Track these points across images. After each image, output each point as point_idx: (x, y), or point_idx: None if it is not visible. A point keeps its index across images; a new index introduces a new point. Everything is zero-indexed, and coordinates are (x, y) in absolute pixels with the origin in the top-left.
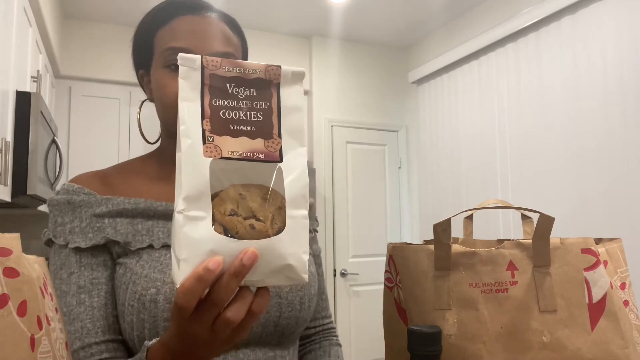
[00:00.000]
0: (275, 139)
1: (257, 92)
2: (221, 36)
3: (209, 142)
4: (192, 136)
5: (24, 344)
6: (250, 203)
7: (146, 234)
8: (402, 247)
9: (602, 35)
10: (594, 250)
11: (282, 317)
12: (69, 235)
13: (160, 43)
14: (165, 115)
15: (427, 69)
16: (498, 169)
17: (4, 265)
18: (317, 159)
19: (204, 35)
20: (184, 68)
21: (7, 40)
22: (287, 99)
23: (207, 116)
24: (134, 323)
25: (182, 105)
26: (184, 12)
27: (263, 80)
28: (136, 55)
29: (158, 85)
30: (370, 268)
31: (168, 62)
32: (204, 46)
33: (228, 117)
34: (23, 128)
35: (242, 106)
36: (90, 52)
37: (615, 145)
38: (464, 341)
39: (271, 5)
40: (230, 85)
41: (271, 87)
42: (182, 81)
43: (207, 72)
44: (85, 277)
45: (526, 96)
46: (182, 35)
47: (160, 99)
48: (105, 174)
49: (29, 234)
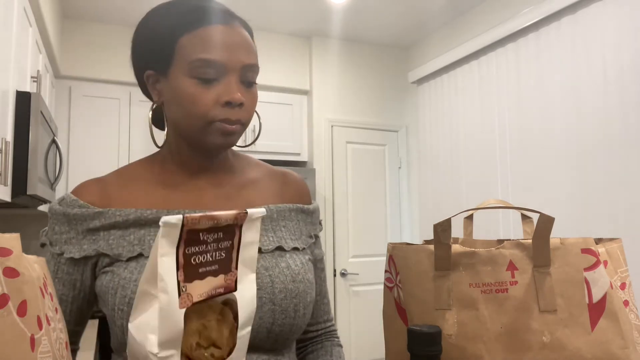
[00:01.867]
0: (233, 271)
1: (224, 234)
2: (247, 47)
3: (183, 294)
4: (170, 291)
5: (24, 344)
6: (210, 333)
7: (137, 243)
8: (402, 247)
9: (602, 35)
10: (594, 250)
11: (275, 324)
12: (65, 245)
13: (186, 50)
14: (188, 122)
15: (427, 69)
16: (498, 169)
17: (4, 265)
18: (317, 159)
19: (233, 48)
20: (166, 229)
21: (7, 40)
22: (246, 236)
23: (181, 265)
24: (124, 327)
25: (161, 261)
26: (214, 21)
27: (230, 224)
28: (146, 55)
29: (184, 94)
30: (370, 268)
31: (197, 74)
32: (234, 59)
33: (197, 262)
34: (23, 128)
35: (210, 249)
36: (90, 52)
37: (615, 145)
38: (464, 341)
39: (271, 5)
40: (202, 234)
41: (235, 228)
42: (162, 240)
43: (186, 229)
44: (57, 290)
45: (526, 96)
46: (213, 47)
47: (186, 108)
48: (105, 182)
49: (29, 234)
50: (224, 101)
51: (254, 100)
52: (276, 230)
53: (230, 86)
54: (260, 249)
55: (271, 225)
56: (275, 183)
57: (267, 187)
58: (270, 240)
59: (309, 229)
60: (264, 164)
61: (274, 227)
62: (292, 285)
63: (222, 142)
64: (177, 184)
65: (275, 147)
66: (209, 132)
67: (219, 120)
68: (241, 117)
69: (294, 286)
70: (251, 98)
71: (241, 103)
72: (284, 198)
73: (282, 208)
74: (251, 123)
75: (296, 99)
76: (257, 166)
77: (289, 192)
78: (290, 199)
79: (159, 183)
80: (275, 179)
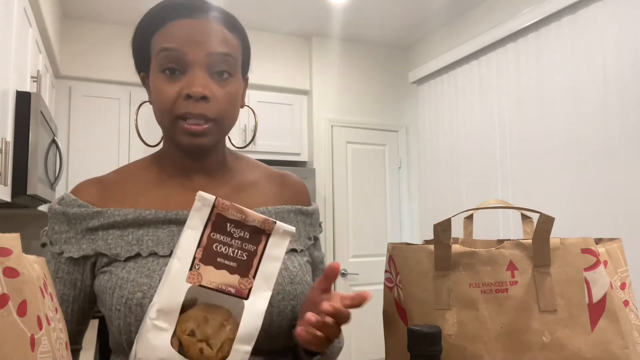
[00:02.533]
0: (249, 278)
1: (250, 236)
2: (216, 38)
3: (194, 270)
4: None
5: (24, 344)
6: (208, 329)
7: (136, 243)
8: (402, 247)
9: (602, 35)
10: (594, 250)
11: (272, 325)
12: (64, 244)
13: (155, 47)
14: (161, 119)
15: (427, 69)
16: (498, 169)
17: (4, 265)
18: (317, 159)
19: (197, 38)
20: (199, 203)
21: (7, 40)
22: (271, 249)
23: (202, 245)
24: (121, 327)
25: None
26: (179, 16)
27: (258, 228)
28: (136, 58)
29: (154, 90)
30: (370, 268)
31: (163, 67)
32: (197, 48)
33: (218, 251)
34: (23, 128)
35: (234, 244)
36: (90, 52)
37: (615, 145)
38: (464, 341)
39: (271, 5)
40: (229, 225)
41: (262, 235)
42: (194, 212)
43: (216, 211)
44: (58, 290)
45: (526, 96)
46: (174, 36)
47: (157, 103)
48: (105, 181)
49: (29, 234)
50: (185, 94)
51: (228, 94)
52: None
53: (193, 78)
54: None
55: None
56: (274, 185)
57: (265, 189)
58: None
59: (308, 230)
60: (263, 165)
61: None
62: (290, 287)
63: (190, 142)
64: (174, 184)
65: (275, 147)
66: (176, 130)
67: (180, 114)
68: (206, 112)
69: (291, 288)
70: (224, 92)
71: (204, 96)
72: (283, 199)
73: (280, 209)
74: (248, 122)
75: (296, 99)
76: (255, 167)
77: (287, 193)
78: (289, 201)
79: (157, 183)
80: (274, 180)
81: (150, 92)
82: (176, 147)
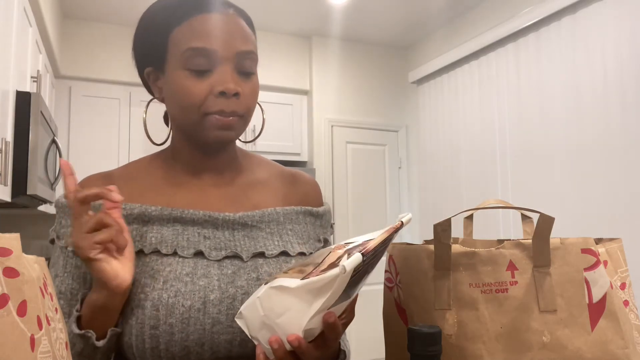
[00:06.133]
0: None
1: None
2: (242, 34)
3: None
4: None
5: (24, 344)
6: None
7: (139, 239)
8: (402, 247)
9: (602, 35)
10: (594, 250)
11: None
12: (70, 238)
13: (177, 42)
14: (183, 116)
15: (427, 69)
16: (498, 169)
17: (4, 265)
18: (317, 159)
19: (226, 35)
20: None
21: (7, 40)
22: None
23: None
24: (122, 327)
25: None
26: (203, 10)
27: (333, 263)
28: (143, 52)
29: (178, 87)
30: None
31: (189, 65)
32: (227, 46)
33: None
34: (23, 128)
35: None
36: (90, 52)
37: (615, 145)
38: (464, 341)
39: (271, 5)
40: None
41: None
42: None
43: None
44: (67, 285)
45: (526, 96)
46: (202, 34)
47: (180, 101)
48: (112, 175)
49: (29, 234)
50: (218, 91)
51: (253, 91)
52: (282, 234)
53: (224, 75)
54: (264, 254)
55: (277, 228)
56: (284, 184)
57: (275, 188)
58: (275, 245)
59: (318, 232)
60: (274, 164)
61: (280, 231)
62: None
63: (219, 136)
64: (181, 182)
65: (275, 147)
66: (204, 125)
67: (213, 112)
68: (237, 108)
69: None
70: (250, 88)
71: (236, 93)
72: (293, 200)
73: (289, 211)
74: (252, 121)
75: (296, 99)
76: (267, 166)
77: (298, 193)
78: (299, 201)
79: (164, 180)
80: (285, 179)
81: (158, 88)
82: (189, 144)
